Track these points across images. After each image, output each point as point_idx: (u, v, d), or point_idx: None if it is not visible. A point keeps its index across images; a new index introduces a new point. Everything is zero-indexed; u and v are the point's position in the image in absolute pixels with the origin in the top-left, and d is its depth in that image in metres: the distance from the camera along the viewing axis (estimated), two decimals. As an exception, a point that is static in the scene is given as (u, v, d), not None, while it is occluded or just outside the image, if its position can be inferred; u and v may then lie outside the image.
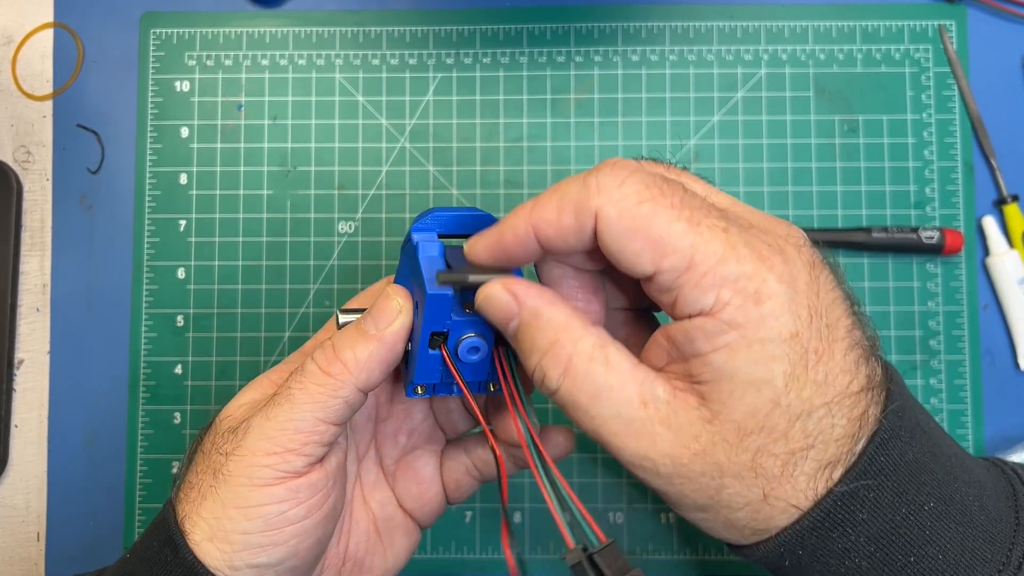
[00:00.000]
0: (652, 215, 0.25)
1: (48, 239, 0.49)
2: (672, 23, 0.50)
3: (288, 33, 0.50)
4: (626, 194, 0.26)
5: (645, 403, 0.26)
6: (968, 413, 0.47)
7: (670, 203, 0.26)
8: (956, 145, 0.49)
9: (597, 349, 0.27)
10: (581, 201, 0.26)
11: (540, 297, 0.28)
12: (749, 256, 0.25)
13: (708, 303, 0.25)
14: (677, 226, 0.25)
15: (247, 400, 0.33)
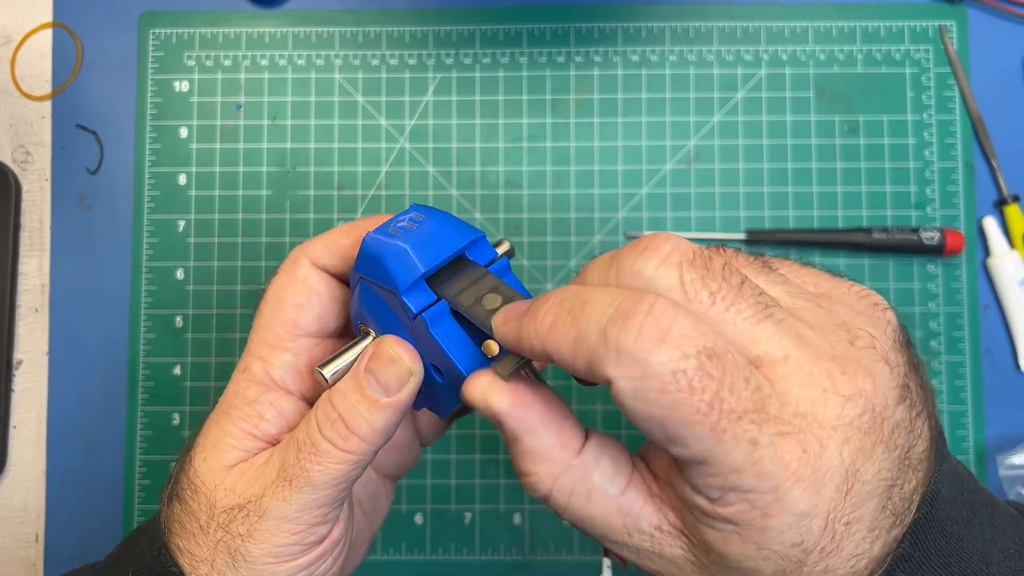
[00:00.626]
0: (673, 410, 0.22)
1: (47, 239, 0.49)
2: (672, 23, 0.49)
3: (287, 33, 0.50)
4: (648, 373, 0.22)
5: (630, 534, 0.26)
6: (968, 414, 0.47)
7: (697, 402, 0.22)
8: (957, 146, 0.48)
9: (579, 483, 0.25)
10: (596, 359, 0.23)
11: (522, 424, 0.26)
12: (772, 472, 0.22)
13: (713, 496, 0.23)
14: (697, 430, 0.22)
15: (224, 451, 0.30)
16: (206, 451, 0.30)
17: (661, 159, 0.49)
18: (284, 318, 0.31)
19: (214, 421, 0.31)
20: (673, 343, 0.22)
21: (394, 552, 0.47)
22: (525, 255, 0.48)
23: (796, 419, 0.23)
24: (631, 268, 0.24)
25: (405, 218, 0.28)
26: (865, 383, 0.23)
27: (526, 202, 0.49)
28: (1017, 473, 0.45)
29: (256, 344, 0.31)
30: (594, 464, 0.26)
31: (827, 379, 0.23)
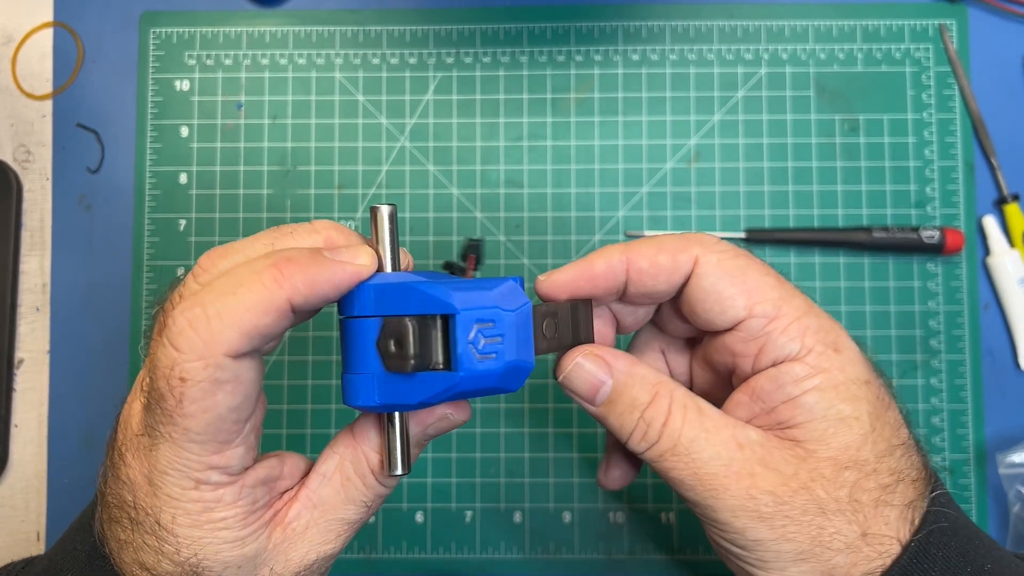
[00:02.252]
0: (747, 267, 0.29)
1: (48, 239, 0.49)
2: (672, 22, 0.49)
3: (288, 32, 0.50)
4: (723, 248, 0.30)
5: (741, 445, 0.28)
6: (968, 412, 0.47)
7: (760, 264, 0.30)
8: (957, 144, 0.49)
9: (690, 399, 0.29)
10: (681, 246, 0.30)
11: (626, 358, 0.30)
12: (826, 317, 0.29)
13: (795, 349, 0.29)
14: (768, 279, 0.29)
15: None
16: (234, 562, 0.28)
17: (661, 158, 0.49)
18: (222, 428, 0.26)
19: (206, 539, 0.27)
20: (729, 245, 0.30)
21: (395, 551, 0.47)
22: (526, 254, 0.48)
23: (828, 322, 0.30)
24: (695, 238, 0.31)
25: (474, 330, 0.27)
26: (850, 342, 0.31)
27: (526, 201, 0.49)
28: (1017, 471, 0.45)
29: (195, 461, 0.26)
30: (694, 393, 0.30)
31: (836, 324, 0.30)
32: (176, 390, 0.25)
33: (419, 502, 0.47)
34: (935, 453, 0.47)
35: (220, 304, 0.25)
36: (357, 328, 0.27)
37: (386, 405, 0.27)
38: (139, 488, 0.27)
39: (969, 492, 0.47)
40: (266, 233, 0.28)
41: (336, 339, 0.48)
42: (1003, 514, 0.46)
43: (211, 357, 0.25)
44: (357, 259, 0.27)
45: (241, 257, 0.27)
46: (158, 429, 0.26)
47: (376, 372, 0.27)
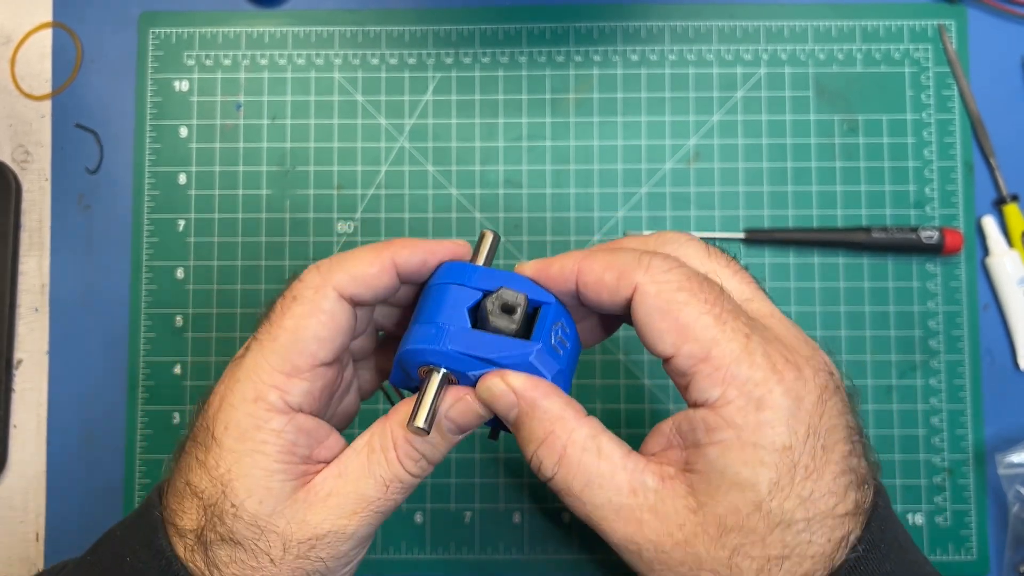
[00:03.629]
0: (685, 303, 0.28)
1: (47, 239, 0.49)
2: (672, 23, 0.49)
3: (287, 33, 0.50)
4: (668, 279, 0.28)
5: (635, 491, 0.28)
6: (968, 413, 0.47)
7: (704, 298, 0.28)
8: (956, 145, 0.49)
9: (590, 440, 0.29)
10: (627, 270, 0.29)
11: (536, 389, 0.29)
12: (763, 364, 0.27)
13: (714, 396, 0.27)
14: (704, 319, 0.28)
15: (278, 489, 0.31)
16: (257, 493, 0.30)
17: (660, 158, 0.49)
18: (304, 350, 0.30)
19: (244, 455, 0.30)
20: (687, 267, 0.29)
21: (394, 551, 0.47)
22: (525, 254, 0.48)
23: (777, 341, 0.28)
24: (670, 239, 0.31)
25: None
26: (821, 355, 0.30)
27: (525, 201, 0.49)
28: (1016, 472, 0.45)
29: (269, 372, 0.30)
30: (600, 430, 0.29)
31: (800, 335, 0.30)
32: (287, 306, 0.30)
33: (418, 502, 0.47)
34: (934, 453, 0.47)
35: (338, 258, 0.31)
36: (453, 292, 0.30)
37: (459, 352, 0.29)
38: (211, 407, 0.31)
39: (968, 492, 0.47)
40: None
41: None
42: (1002, 514, 0.46)
43: (322, 288, 0.30)
44: (454, 241, 0.32)
45: None
46: (255, 338, 0.31)
47: (455, 326, 0.30)
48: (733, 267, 0.31)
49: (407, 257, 0.31)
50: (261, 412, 0.30)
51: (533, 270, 0.31)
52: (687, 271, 0.29)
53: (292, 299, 0.30)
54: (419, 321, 0.31)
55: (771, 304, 0.31)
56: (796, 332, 0.30)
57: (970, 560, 0.46)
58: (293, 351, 0.30)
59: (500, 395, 0.29)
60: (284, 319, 0.30)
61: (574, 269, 0.30)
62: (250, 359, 0.31)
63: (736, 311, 0.28)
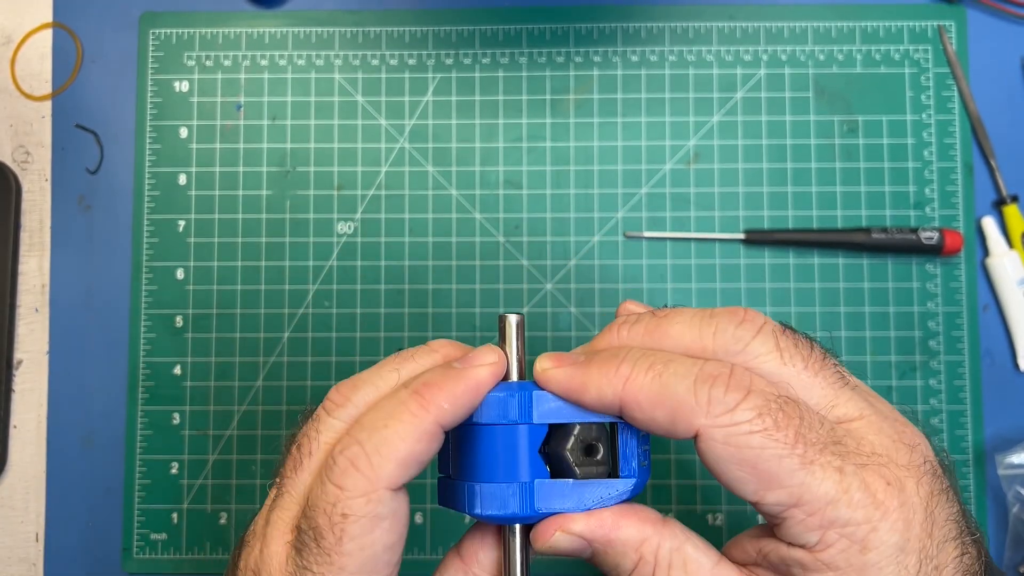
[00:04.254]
0: (763, 448, 0.24)
1: (47, 239, 0.49)
2: (672, 23, 0.49)
3: (287, 33, 0.50)
4: (737, 420, 0.24)
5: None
6: (968, 414, 0.47)
7: (784, 436, 0.24)
8: (956, 146, 0.49)
9: (675, 554, 0.27)
10: (683, 410, 0.25)
11: (602, 526, 0.27)
12: (862, 502, 0.24)
13: (812, 541, 0.25)
14: (788, 463, 0.24)
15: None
16: None
17: (660, 159, 0.49)
18: (378, 569, 0.26)
19: None
20: (757, 393, 0.25)
21: (394, 552, 0.47)
22: (525, 255, 0.48)
23: (873, 456, 0.25)
24: (733, 333, 0.27)
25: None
26: (920, 439, 0.27)
27: (525, 202, 0.49)
28: (1016, 472, 0.45)
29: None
30: (684, 537, 0.27)
31: (894, 432, 0.26)
32: (338, 527, 0.25)
33: (418, 503, 0.47)
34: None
35: (376, 439, 0.25)
36: (508, 434, 0.27)
37: (548, 512, 0.27)
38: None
39: (968, 493, 0.47)
40: (389, 360, 0.29)
41: (336, 339, 0.48)
42: (1002, 515, 0.46)
43: (373, 492, 0.25)
44: (487, 359, 0.27)
45: (373, 388, 0.28)
46: (311, 569, 0.26)
47: (532, 479, 0.27)
48: (814, 366, 0.27)
49: (452, 415, 0.26)
50: None
51: (560, 389, 0.27)
52: (758, 403, 0.25)
53: (342, 518, 0.25)
54: (482, 477, 0.27)
55: (859, 398, 0.27)
56: (891, 428, 0.27)
57: (970, 561, 0.46)
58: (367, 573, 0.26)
59: (568, 546, 0.27)
60: (342, 545, 0.25)
61: (616, 399, 0.26)
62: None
63: (824, 441, 0.25)
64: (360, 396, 0.28)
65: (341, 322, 0.48)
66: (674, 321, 0.28)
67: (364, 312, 0.48)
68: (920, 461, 0.26)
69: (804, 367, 0.26)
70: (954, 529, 0.26)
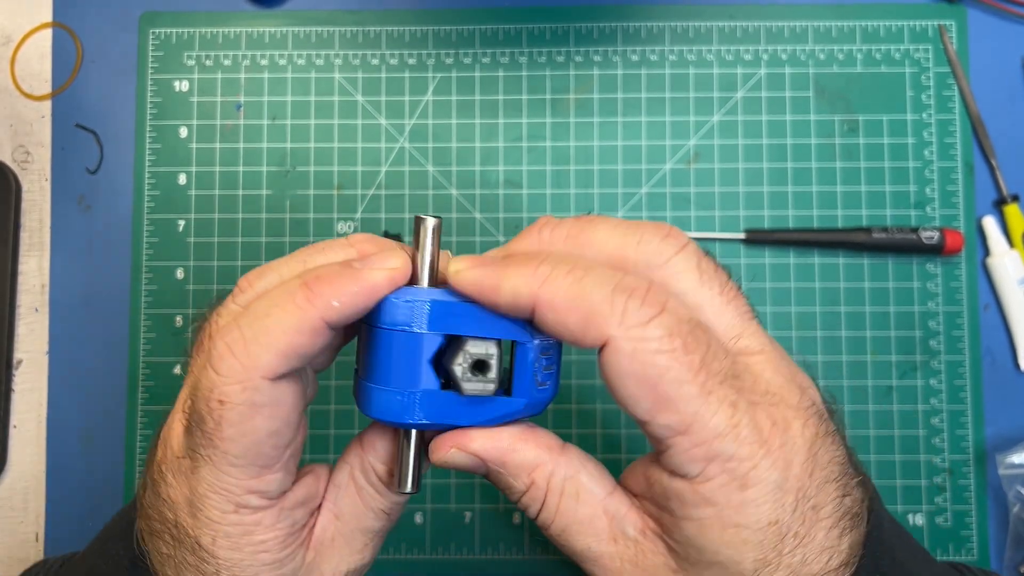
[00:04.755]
0: (667, 369, 0.24)
1: (47, 239, 0.49)
2: (672, 23, 0.49)
3: (287, 33, 0.50)
4: (648, 336, 0.24)
5: (615, 539, 0.27)
6: (968, 413, 0.47)
7: (689, 361, 0.24)
8: (956, 145, 0.48)
9: (568, 482, 0.27)
10: (597, 316, 0.24)
11: (498, 447, 0.27)
12: (749, 438, 0.24)
13: (693, 472, 0.25)
14: (688, 389, 0.24)
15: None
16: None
17: (661, 159, 0.49)
18: (263, 452, 0.26)
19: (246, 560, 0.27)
20: (671, 312, 0.24)
21: (394, 552, 0.47)
22: (525, 255, 0.48)
23: (767, 395, 0.26)
24: (657, 246, 0.26)
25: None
26: (810, 383, 0.27)
27: (525, 202, 0.49)
28: (1017, 472, 0.45)
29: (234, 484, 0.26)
30: (579, 465, 0.28)
31: (789, 372, 0.27)
32: (215, 412, 0.25)
33: (418, 503, 0.47)
34: (935, 454, 0.47)
35: (256, 327, 0.25)
36: (409, 342, 0.26)
37: (433, 424, 0.27)
38: (180, 508, 0.27)
39: (969, 493, 0.47)
40: (301, 251, 0.28)
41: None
42: (1003, 515, 0.46)
43: (249, 380, 0.25)
44: (387, 263, 0.26)
45: (276, 276, 0.28)
46: (199, 451, 0.26)
47: (421, 388, 0.26)
48: (728, 294, 0.27)
49: (339, 313, 0.25)
50: (247, 519, 0.27)
51: (473, 289, 0.26)
52: (670, 322, 0.24)
53: (219, 404, 0.25)
54: (376, 380, 0.27)
55: (761, 335, 0.27)
56: (785, 369, 0.27)
57: (971, 560, 0.46)
58: (250, 460, 0.26)
59: (463, 463, 0.27)
60: (222, 430, 0.25)
61: (530, 299, 0.25)
62: (207, 475, 0.26)
63: (725, 373, 0.25)
64: (262, 283, 0.28)
65: (341, 322, 0.48)
66: (598, 227, 0.27)
67: (364, 312, 0.48)
68: (808, 403, 0.26)
69: (720, 292, 0.26)
70: (836, 470, 0.26)
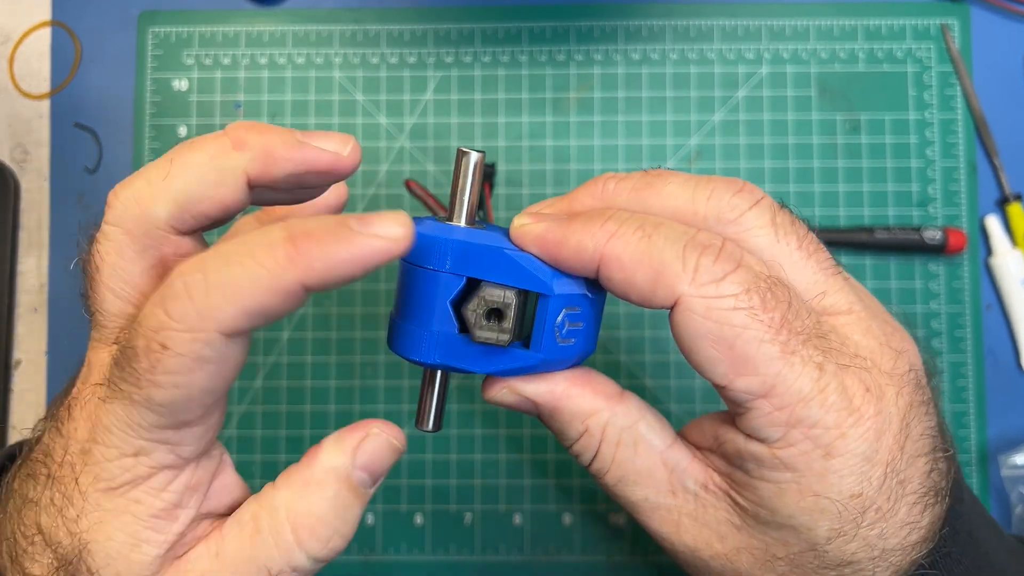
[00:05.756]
0: (744, 327, 0.22)
1: (45, 239, 0.49)
2: (673, 21, 0.49)
3: (287, 32, 0.50)
4: (723, 292, 0.22)
5: (674, 492, 0.26)
6: (971, 413, 0.47)
7: (769, 319, 0.22)
8: (959, 144, 0.48)
9: (625, 432, 0.26)
10: (667, 273, 0.23)
11: (552, 392, 0.26)
12: (837, 404, 0.23)
13: (774, 437, 0.23)
14: (768, 348, 0.22)
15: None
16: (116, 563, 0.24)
17: (662, 158, 0.49)
18: (192, 407, 0.23)
19: (111, 516, 0.24)
20: (747, 268, 0.23)
21: (394, 552, 0.47)
22: (525, 254, 0.48)
23: (856, 358, 0.24)
24: (729, 201, 0.25)
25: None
26: (909, 344, 0.25)
27: (526, 201, 0.48)
28: (1019, 473, 0.45)
29: (148, 429, 0.23)
30: (638, 415, 0.26)
31: (882, 334, 0.25)
32: (154, 355, 0.22)
33: (418, 504, 0.47)
34: (937, 454, 0.47)
35: (223, 274, 0.21)
36: (430, 281, 0.25)
37: (445, 365, 0.26)
38: (74, 442, 0.24)
39: (971, 494, 0.47)
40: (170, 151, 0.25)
41: (336, 339, 0.48)
42: (1005, 516, 0.46)
43: (202, 332, 0.21)
44: (388, 231, 0.22)
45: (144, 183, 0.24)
46: (119, 386, 0.23)
47: (436, 329, 0.25)
48: (808, 247, 0.25)
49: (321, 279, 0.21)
50: (141, 468, 0.24)
51: (537, 244, 0.25)
52: (746, 278, 0.23)
53: (160, 347, 0.21)
54: (400, 314, 0.26)
55: (848, 292, 0.25)
56: (880, 329, 0.25)
57: (973, 562, 0.46)
58: (171, 412, 0.23)
59: (514, 403, 0.26)
60: (155, 376, 0.22)
61: (595, 255, 0.24)
62: (118, 410, 0.23)
63: (809, 332, 0.23)
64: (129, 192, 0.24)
65: (341, 322, 0.48)
66: (667, 181, 0.26)
67: (364, 312, 0.48)
68: (905, 368, 0.24)
69: (798, 247, 0.25)
70: (928, 444, 0.24)
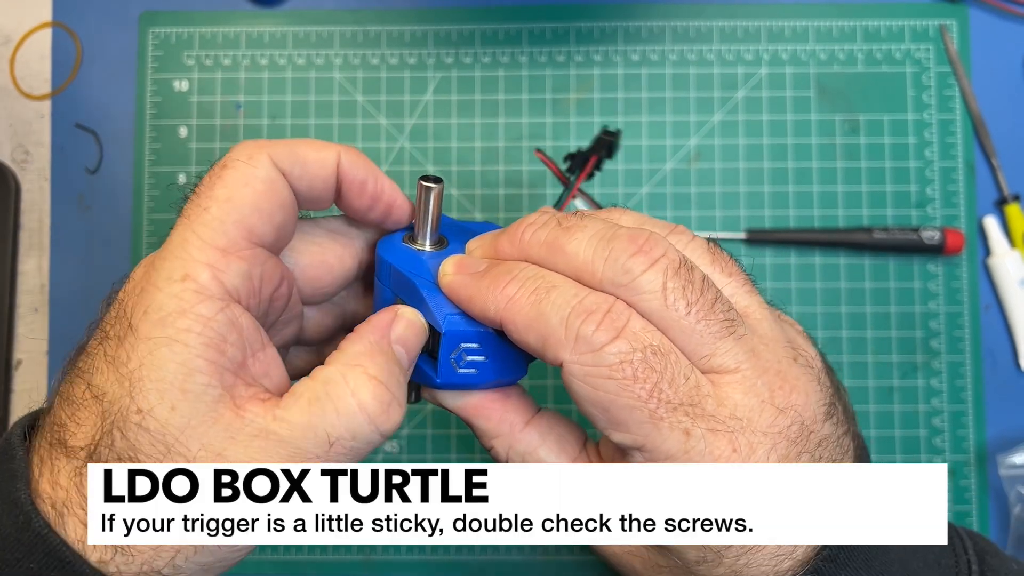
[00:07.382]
0: (616, 395, 0.24)
1: (46, 239, 0.49)
2: (672, 22, 0.49)
3: (287, 32, 0.50)
4: (599, 362, 0.24)
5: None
6: (969, 414, 0.47)
7: (639, 389, 0.24)
8: (957, 145, 0.48)
9: (528, 455, 0.30)
10: (552, 341, 0.25)
11: (464, 407, 0.30)
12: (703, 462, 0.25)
13: None
14: (637, 414, 0.25)
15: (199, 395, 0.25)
16: (170, 395, 0.24)
17: (661, 158, 0.49)
18: (241, 221, 0.26)
19: (162, 345, 0.24)
20: (624, 338, 0.24)
21: (394, 552, 0.47)
22: (525, 255, 0.48)
23: (731, 420, 0.25)
24: (623, 264, 0.25)
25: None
26: (798, 399, 0.26)
27: (526, 202, 0.49)
28: (1018, 473, 0.45)
29: (200, 246, 0.25)
30: (539, 440, 0.30)
31: (767, 391, 0.26)
32: (215, 174, 0.27)
33: (418, 503, 0.47)
34: (936, 454, 0.47)
35: (273, 141, 0.28)
36: (380, 291, 0.30)
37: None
38: (130, 292, 0.26)
39: (970, 493, 0.47)
40: None
41: (335, 340, 0.48)
42: (1004, 516, 0.46)
43: (256, 155, 0.27)
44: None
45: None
46: (181, 214, 0.27)
47: None
48: (699, 312, 0.26)
49: (352, 163, 0.29)
50: (189, 294, 0.24)
51: (452, 296, 0.28)
52: (623, 349, 0.24)
53: (222, 167, 0.27)
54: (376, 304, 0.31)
55: (741, 349, 0.26)
56: (761, 389, 0.26)
57: (972, 561, 0.46)
58: (228, 222, 0.25)
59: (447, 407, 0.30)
60: (215, 188, 0.26)
61: (497, 317, 0.26)
62: (176, 235, 0.26)
63: (679, 401, 0.25)
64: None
65: (341, 322, 0.48)
66: (573, 237, 0.27)
67: (364, 312, 0.48)
68: (785, 424, 0.26)
69: (687, 312, 0.25)
70: None
